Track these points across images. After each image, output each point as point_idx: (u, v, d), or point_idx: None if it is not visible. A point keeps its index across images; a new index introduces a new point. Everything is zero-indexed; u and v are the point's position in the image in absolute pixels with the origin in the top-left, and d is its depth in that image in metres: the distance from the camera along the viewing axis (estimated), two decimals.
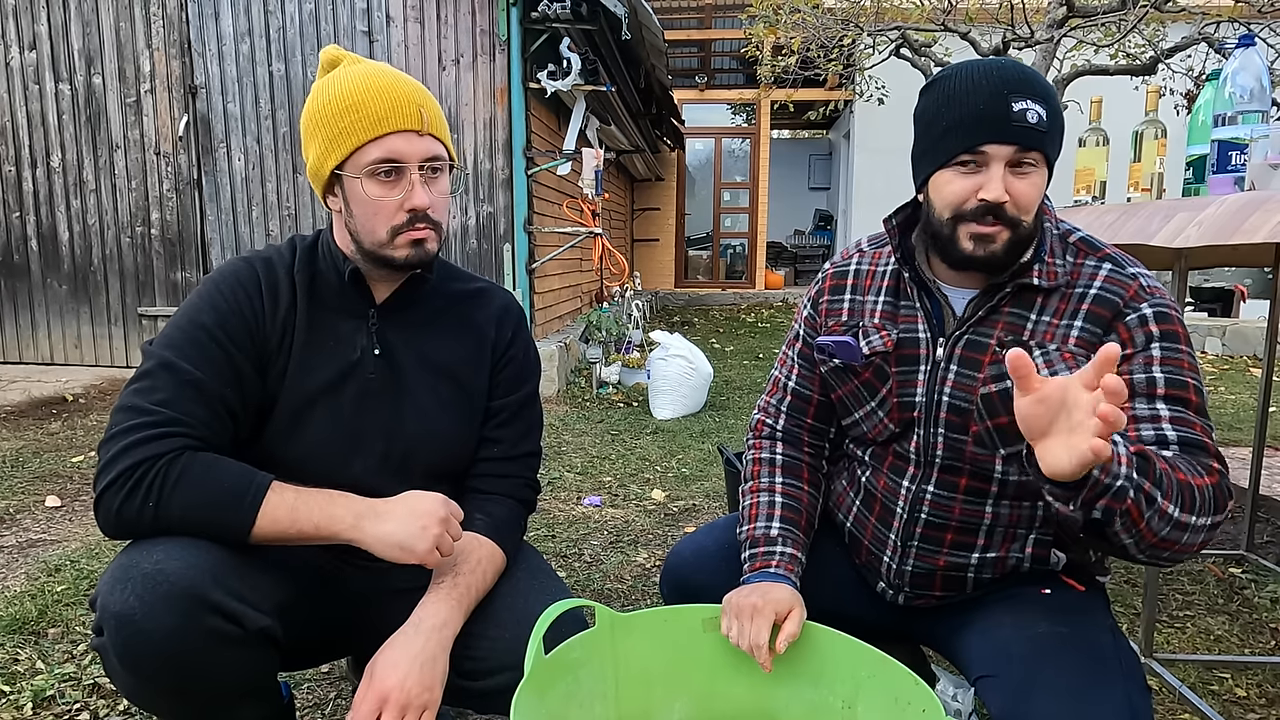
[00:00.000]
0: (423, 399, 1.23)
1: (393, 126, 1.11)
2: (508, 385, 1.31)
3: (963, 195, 1.07)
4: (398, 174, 1.13)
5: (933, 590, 1.22)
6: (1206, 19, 5.89)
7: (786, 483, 1.30)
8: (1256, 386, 5.69)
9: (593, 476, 3.41)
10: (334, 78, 1.15)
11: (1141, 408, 1.03)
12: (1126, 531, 0.91)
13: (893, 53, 7.66)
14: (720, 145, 12.93)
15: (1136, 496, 0.88)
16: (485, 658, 1.14)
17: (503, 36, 4.96)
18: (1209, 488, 0.96)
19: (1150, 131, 1.98)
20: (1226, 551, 2.53)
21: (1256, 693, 1.74)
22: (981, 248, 1.07)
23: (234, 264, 1.20)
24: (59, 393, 4.71)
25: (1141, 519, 0.90)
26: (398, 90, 1.13)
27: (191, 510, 1.03)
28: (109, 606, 0.97)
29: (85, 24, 5.18)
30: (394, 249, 1.15)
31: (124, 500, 1.02)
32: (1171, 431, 1.01)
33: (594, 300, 7.39)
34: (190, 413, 1.07)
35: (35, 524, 2.72)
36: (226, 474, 1.06)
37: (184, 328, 1.12)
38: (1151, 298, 1.07)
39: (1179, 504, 0.92)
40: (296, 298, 1.19)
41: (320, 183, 1.17)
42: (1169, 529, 0.92)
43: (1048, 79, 5.35)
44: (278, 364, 1.17)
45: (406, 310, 1.24)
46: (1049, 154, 1.07)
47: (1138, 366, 1.05)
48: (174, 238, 5.34)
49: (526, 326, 1.36)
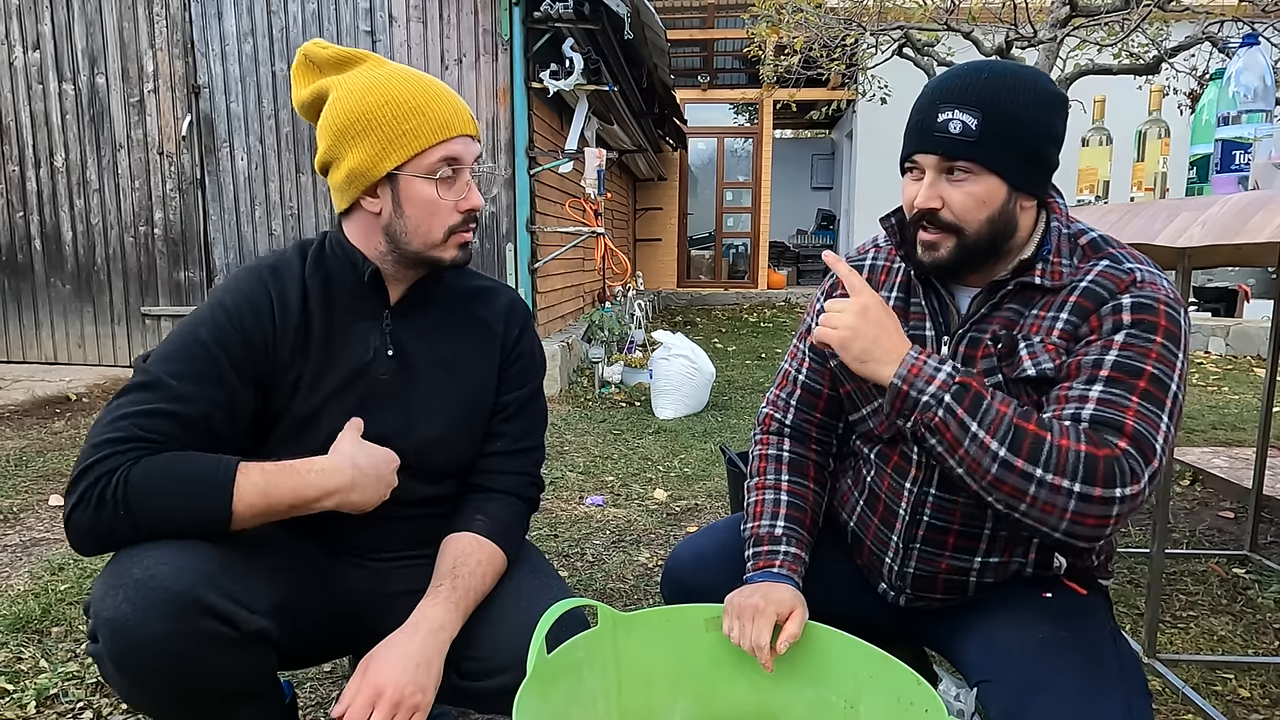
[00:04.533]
0: (433, 399, 1.23)
1: (456, 130, 1.14)
2: (514, 381, 1.31)
3: (909, 202, 1.12)
4: (455, 175, 1.16)
5: (934, 593, 1.22)
6: (1210, 18, 5.88)
7: (792, 480, 1.30)
8: (1260, 386, 5.68)
9: (595, 476, 3.41)
10: (377, 79, 1.14)
11: (1077, 387, 1.03)
12: (949, 454, 1.02)
13: (895, 52, 7.66)
14: (723, 145, 12.93)
15: (945, 417, 1.00)
16: (487, 658, 1.14)
17: (505, 36, 4.96)
18: (1079, 451, 0.96)
19: (1154, 131, 1.98)
20: (1230, 552, 2.53)
21: (1260, 693, 1.74)
22: (928, 254, 1.11)
23: (240, 278, 1.18)
24: (62, 392, 4.72)
25: (959, 445, 1.00)
26: (451, 95, 1.17)
27: (163, 510, 1.01)
28: (102, 614, 0.97)
29: (88, 24, 5.19)
30: (445, 250, 1.18)
31: (91, 515, 1.00)
32: (1089, 410, 1.01)
33: (596, 300, 7.39)
34: (161, 431, 1.04)
35: (39, 523, 2.72)
36: (191, 465, 1.03)
37: (178, 342, 1.11)
38: (1138, 290, 1.05)
39: (1007, 444, 0.98)
40: (309, 304, 1.18)
41: (363, 184, 1.14)
42: (998, 468, 0.98)
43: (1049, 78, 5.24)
44: (291, 373, 1.16)
45: (419, 309, 1.25)
46: (984, 163, 1.04)
47: (1094, 349, 1.04)
48: (177, 237, 5.34)
49: (532, 323, 1.37)
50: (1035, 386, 1.08)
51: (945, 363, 1.05)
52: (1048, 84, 1.08)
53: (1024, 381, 1.09)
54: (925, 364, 1.04)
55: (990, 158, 1.04)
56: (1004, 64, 1.10)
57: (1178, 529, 2.74)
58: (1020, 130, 1.05)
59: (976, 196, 1.06)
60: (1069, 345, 1.07)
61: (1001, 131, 1.04)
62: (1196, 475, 3.32)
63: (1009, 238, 1.10)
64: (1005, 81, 1.05)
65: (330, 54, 1.19)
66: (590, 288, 7.52)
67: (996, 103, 1.03)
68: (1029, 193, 1.09)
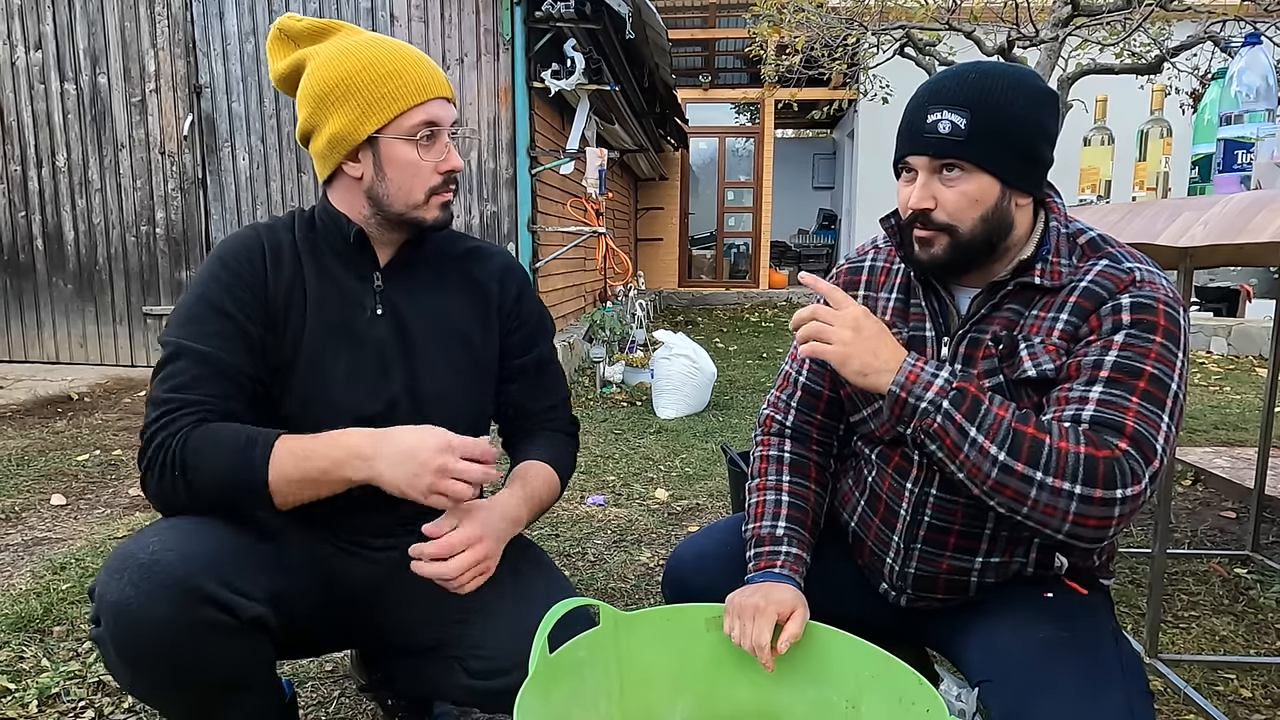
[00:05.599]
0: (431, 356, 1.25)
1: (434, 93, 1.17)
2: (526, 343, 1.35)
3: (903, 203, 1.13)
4: (434, 138, 1.17)
5: (935, 593, 1.22)
6: (1212, 18, 5.88)
7: (794, 481, 1.30)
8: (1262, 386, 5.67)
9: (596, 476, 3.41)
10: (353, 46, 1.16)
11: (1077, 388, 1.03)
12: (950, 460, 1.02)
13: (897, 52, 7.65)
14: (724, 144, 12.92)
15: (944, 423, 1.01)
16: (495, 657, 1.14)
17: (507, 36, 4.96)
18: (1078, 454, 0.97)
19: (1155, 130, 1.97)
20: (1232, 552, 2.53)
21: (1262, 693, 1.74)
22: (924, 252, 1.12)
23: (237, 233, 1.24)
24: (64, 391, 4.72)
25: (958, 450, 1.00)
26: (426, 59, 1.19)
27: (212, 476, 1.06)
28: (106, 596, 0.98)
29: (90, 24, 5.19)
30: (427, 210, 1.20)
31: (157, 480, 1.08)
32: (1089, 411, 1.01)
33: (598, 299, 7.39)
34: (208, 392, 1.11)
35: (40, 522, 2.72)
36: (233, 436, 1.08)
37: (193, 306, 1.15)
38: (1138, 290, 1.05)
39: (1006, 448, 0.98)
40: (301, 260, 1.22)
41: (344, 149, 1.16)
42: (998, 472, 0.99)
43: (1051, 78, 5.29)
44: (290, 323, 1.19)
45: (410, 270, 1.27)
46: (974, 161, 1.05)
47: (1093, 350, 1.04)
48: (179, 237, 5.35)
49: (530, 283, 1.40)
50: (1036, 387, 1.08)
51: (943, 368, 1.05)
52: (1036, 81, 1.09)
53: (1025, 382, 1.09)
54: (922, 370, 1.04)
55: (980, 156, 1.05)
56: (992, 64, 1.11)
57: (1179, 529, 2.74)
58: (1010, 127, 1.05)
59: (969, 195, 1.06)
60: (1069, 346, 1.07)
61: (991, 129, 1.04)
62: (1198, 475, 3.31)
63: (1004, 236, 1.10)
64: (993, 80, 1.06)
65: (305, 25, 1.21)
66: (592, 287, 7.52)
67: (985, 101, 1.04)
68: (1023, 190, 1.09)
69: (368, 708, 1.64)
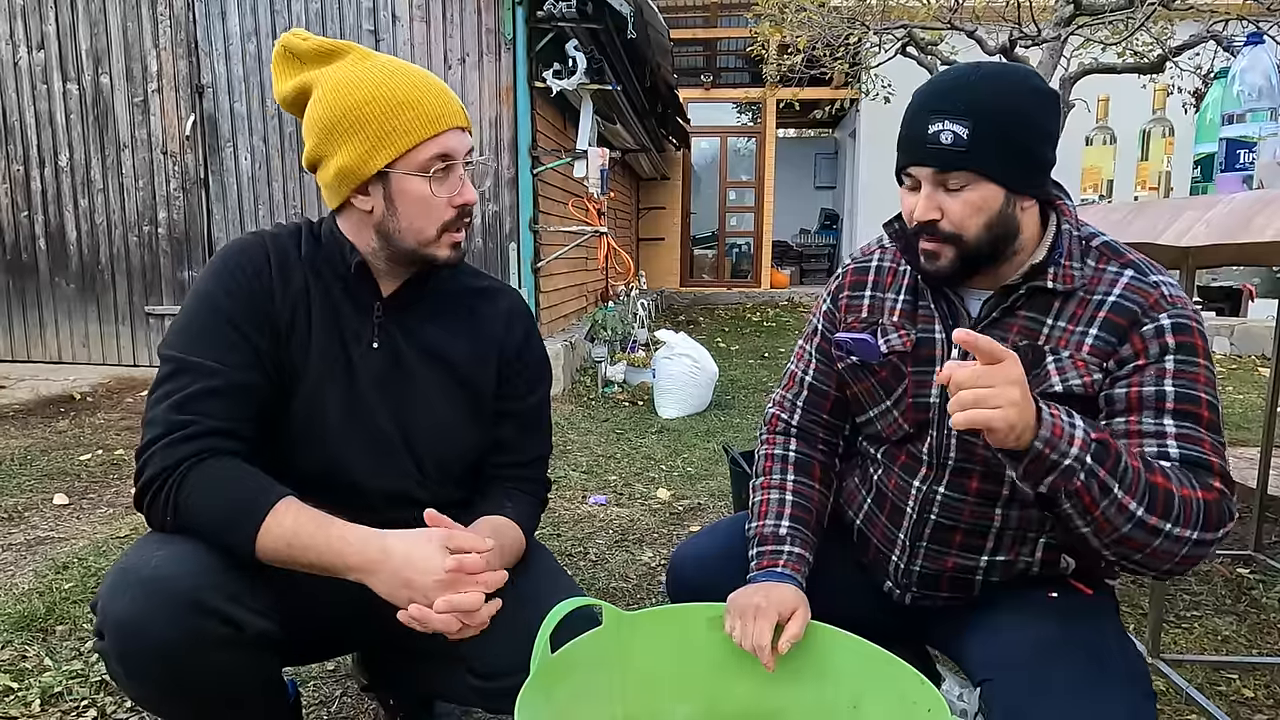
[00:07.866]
0: (428, 392, 1.22)
1: (449, 124, 1.11)
2: (522, 389, 1.30)
3: (908, 214, 1.12)
4: (448, 171, 1.12)
5: (939, 591, 1.21)
6: (1215, 17, 5.87)
7: (798, 480, 1.30)
8: (1264, 386, 5.66)
9: (598, 475, 3.41)
10: (364, 72, 1.11)
11: (1149, 422, 1.02)
12: (1080, 516, 0.94)
13: (899, 51, 7.64)
14: (726, 144, 12.91)
15: (1088, 481, 0.92)
16: (499, 657, 1.14)
17: (508, 36, 4.96)
18: (1198, 500, 0.96)
19: (1158, 130, 1.97)
20: (1234, 552, 2.52)
21: (1264, 693, 1.74)
22: (930, 263, 1.11)
23: (242, 240, 1.18)
24: (67, 391, 4.73)
25: (1095, 506, 0.93)
26: (442, 87, 1.14)
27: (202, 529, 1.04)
28: (108, 611, 0.97)
29: (93, 24, 5.19)
30: (438, 247, 1.15)
31: (149, 512, 1.07)
32: (1175, 448, 1.01)
33: (599, 299, 7.38)
34: (208, 411, 1.06)
35: (43, 521, 2.73)
36: (229, 494, 1.04)
37: (196, 316, 1.11)
38: (1172, 308, 1.05)
39: (1145, 503, 0.94)
40: (306, 278, 1.18)
41: (353, 183, 1.12)
42: (1131, 527, 0.94)
43: (1053, 78, 5.26)
44: (294, 342, 1.15)
45: (413, 305, 1.23)
46: (979, 171, 1.04)
47: (1149, 379, 1.03)
48: (181, 237, 5.35)
49: (536, 328, 1.35)
50: (1058, 401, 1.05)
51: (1073, 415, 0.94)
52: (1037, 82, 1.08)
53: (1047, 396, 1.06)
54: (1060, 420, 0.92)
55: (984, 165, 1.04)
56: (992, 65, 1.09)
57: None
58: (1012, 133, 1.04)
59: (973, 204, 1.06)
60: (1102, 363, 1.06)
61: (993, 137, 1.03)
62: None
63: (1010, 240, 1.09)
64: (993, 85, 1.05)
65: (312, 45, 1.15)
66: (593, 287, 7.51)
67: (986, 109, 1.03)
68: (1027, 194, 1.08)
69: (369, 707, 1.65)
